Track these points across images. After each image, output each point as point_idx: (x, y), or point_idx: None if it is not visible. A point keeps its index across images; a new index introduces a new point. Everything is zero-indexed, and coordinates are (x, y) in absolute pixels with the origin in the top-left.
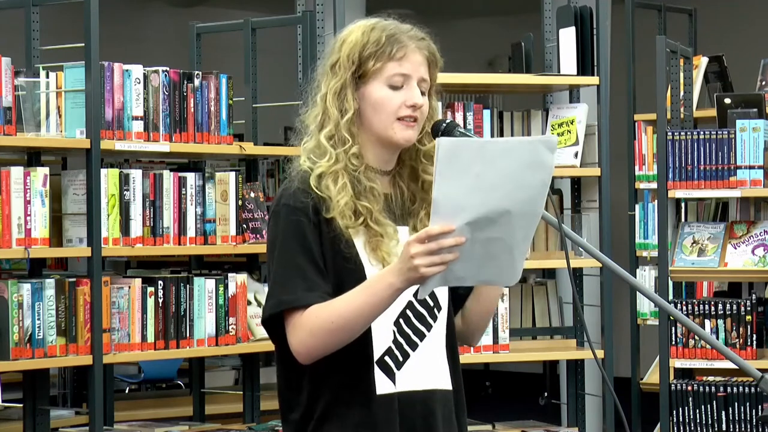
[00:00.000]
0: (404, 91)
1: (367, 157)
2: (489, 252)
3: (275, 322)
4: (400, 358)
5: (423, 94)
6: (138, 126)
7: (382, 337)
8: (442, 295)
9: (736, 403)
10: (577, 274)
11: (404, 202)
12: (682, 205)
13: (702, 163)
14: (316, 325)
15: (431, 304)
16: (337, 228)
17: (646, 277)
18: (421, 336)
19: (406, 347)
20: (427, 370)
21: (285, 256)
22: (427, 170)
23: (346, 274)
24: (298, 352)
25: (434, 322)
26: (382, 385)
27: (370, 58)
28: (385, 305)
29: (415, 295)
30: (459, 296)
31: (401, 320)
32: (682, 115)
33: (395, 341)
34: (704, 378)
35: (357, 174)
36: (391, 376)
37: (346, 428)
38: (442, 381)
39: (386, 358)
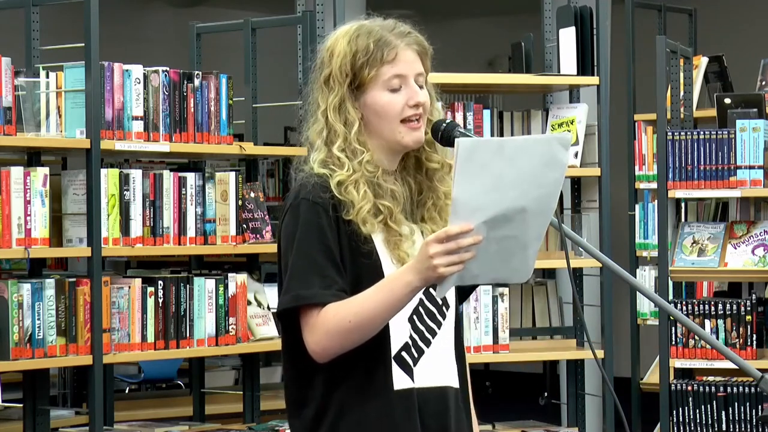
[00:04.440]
0: (404, 92)
1: (379, 160)
2: (504, 250)
3: (289, 316)
4: (416, 355)
5: (421, 87)
6: (138, 126)
7: (399, 334)
8: (450, 293)
9: (736, 403)
10: (577, 274)
11: (412, 197)
12: (682, 205)
13: (702, 163)
14: (332, 324)
15: (440, 302)
16: (355, 224)
17: (646, 277)
18: (433, 333)
19: (420, 344)
20: (439, 367)
21: (303, 251)
22: (431, 158)
23: (363, 269)
24: (314, 351)
25: (443, 320)
26: (400, 380)
27: (363, 67)
28: (402, 304)
29: (431, 293)
30: (463, 290)
31: (415, 317)
32: (682, 115)
33: (411, 337)
34: (704, 378)
35: (375, 180)
36: (408, 371)
37: (365, 424)
38: (452, 379)
39: (403, 353)
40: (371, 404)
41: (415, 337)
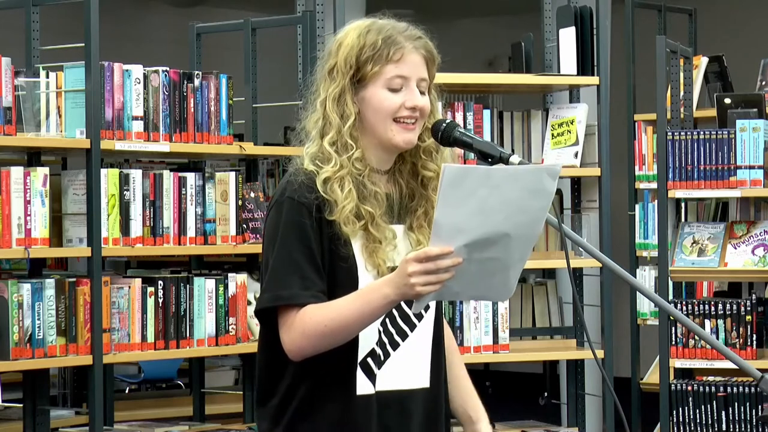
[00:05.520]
0: (404, 93)
1: (369, 159)
2: (485, 270)
3: (268, 314)
4: (382, 358)
5: (423, 93)
6: (138, 126)
7: (368, 339)
8: None
9: (736, 403)
10: (577, 274)
11: (402, 199)
12: (682, 205)
13: (702, 163)
14: (309, 327)
15: None
16: (337, 227)
17: (646, 277)
18: (404, 335)
19: (388, 347)
20: (406, 370)
21: (284, 251)
22: (427, 166)
23: (339, 272)
24: (289, 350)
25: (419, 321)
26: (363, 386)
27: (368, 61)
28: (379, 314)
29: (409, 307)
30: None
31: (387, 320)
32: (682, 115)
33: (379, 341)
34: (704, 378)
35: (361, 178)
36: (371, 377)
37: (322, 426)
38: (422, 380)
39: (369, 359)
40: (331, 408)
41: (384, 340)
